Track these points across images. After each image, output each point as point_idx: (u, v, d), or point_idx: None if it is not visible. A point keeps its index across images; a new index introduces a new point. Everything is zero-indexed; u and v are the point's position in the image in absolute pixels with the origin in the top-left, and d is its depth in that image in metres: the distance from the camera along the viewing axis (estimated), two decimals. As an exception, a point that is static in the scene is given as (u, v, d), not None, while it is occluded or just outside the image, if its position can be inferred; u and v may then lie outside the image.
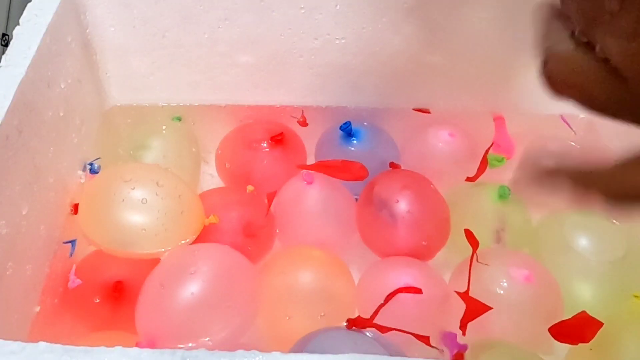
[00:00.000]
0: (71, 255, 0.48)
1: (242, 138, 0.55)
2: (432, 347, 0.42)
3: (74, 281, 0.45)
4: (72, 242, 0.48)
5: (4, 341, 0.29)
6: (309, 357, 0.28)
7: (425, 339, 0.42)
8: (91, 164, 0.53)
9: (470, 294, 0.44)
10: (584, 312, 0.42)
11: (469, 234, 0.48)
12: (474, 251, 0.46)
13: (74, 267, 0.46)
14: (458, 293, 0.44)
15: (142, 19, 0.53)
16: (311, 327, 0.42)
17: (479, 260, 0.46)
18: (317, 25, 0.53)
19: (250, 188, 0.52)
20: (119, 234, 0.44)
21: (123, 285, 0.45)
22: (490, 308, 0.43)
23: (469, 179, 0.52)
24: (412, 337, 0.42)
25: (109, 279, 0.45)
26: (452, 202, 0.51)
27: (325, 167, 0.52)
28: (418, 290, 0.43)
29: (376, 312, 0.43)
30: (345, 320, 0.43)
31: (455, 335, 0.43)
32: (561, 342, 0.42)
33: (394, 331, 0.42)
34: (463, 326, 0.43)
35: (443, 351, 0.43)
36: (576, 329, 0.41)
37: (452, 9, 0.52)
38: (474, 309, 0.43)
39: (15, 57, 0.41)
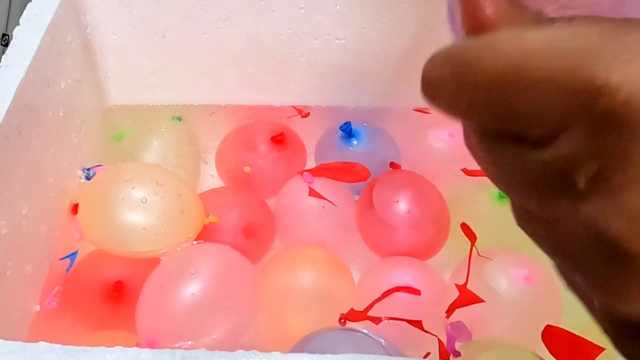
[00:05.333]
0: (67, 271, 0.47)
1: (242, 138, 0.55)
2: (426, 332, 0.42)
3: (50, 302, 0.45)
4: (72, 256, 0.48)
5: (4, 341, 0.29)
6: (309, 357, 0.28)
7: (418, 324, 0.42)
8: (88, 170, 0.52)
9: (470, 293, 0.44)
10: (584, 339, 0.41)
11: (465, 228, 0.48)
12: (473, 244, 0.46)
13: (57, 287, 0.45)
14: (456, 285, 0.45)
15: (142, 19, 0.53)
16: (311, 327, 0.42)
17: (480, 254, 0.46)
18: (317, 25, 0.53)
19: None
20: (119, 233, 0.44)
21: (123, 285, 0.45)
22: (483, 301, 0.43)
23: (466, 171, 0.52)
24: (411, 338, 0.42)
25: (109, 279, 0.45)
26: (452, 202, 0.51)
27: (326, 170, 0.52)
28: (416, 292, 0.43)
29: (370, 306, 0.43)
30: (339, 317, 0.43)
31: (463, 322, 0.43)
32: (554, 355, 0.41)
33: (392, 331, 0.42)
34: (450, 310, 0.43)
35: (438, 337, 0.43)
36: (573, 348, 0.40)
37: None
38: (466, 298, 0.43)
39: (15, 57, 0.41)
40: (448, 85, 0.16)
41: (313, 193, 0.49)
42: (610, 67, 0.13)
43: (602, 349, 0.40)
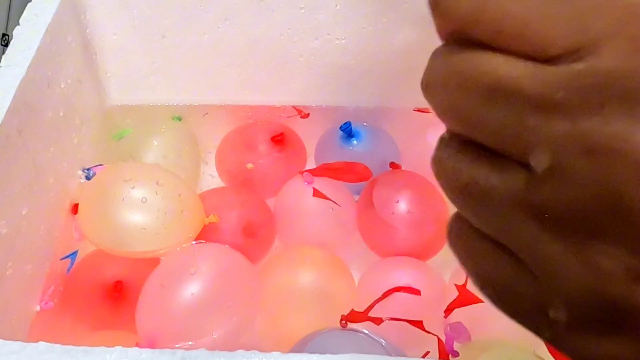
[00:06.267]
0: (68, 271, 0.47)
1: (242, 138, 0.55)
2: (427, 332, 0.42)
3: (47, 303, 0.44)
4: (72, 255, 0.48)
5: (4, 341, 0.29)
6: (309, 357, 0.28)
7: (419, 324, 0.42)
8: (88, 170, 0.52)
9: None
10: None
11: None
12: None
13: (52, 287, 0.45)
14: (456, 285, 0.45)
15: (142, 19, 0.53)
16: (311, 327, 0.42)
17: None
18: (317, 25, 0.53)
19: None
20: (119, 233, 0.44)
21: (123, 285, 0.45)
22: (482, 301, 0.43)
23: None
24: (411, 338, 0.42)
25: (109, 279, 0.45)
26: (452, 202, 0.51)
27: (328, 171, 0.52)
28: (417, 292, 0.43)
29: (371, 307, 0.43)
30: (340, 318, 0.43)
31: (462, 323, 0.43)
32: (554, 356, 0.41)
33: (392, 331, 0.42)
34: (448, 310, 0.43)
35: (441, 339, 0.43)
36: None
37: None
38: (465, 298, 0.43)
39: (15, 57, 0.41)
40: (441, 91, 0.16)
41: (317, 194, 0.49)
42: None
43: None
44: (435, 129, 0.56)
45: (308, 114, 0.59)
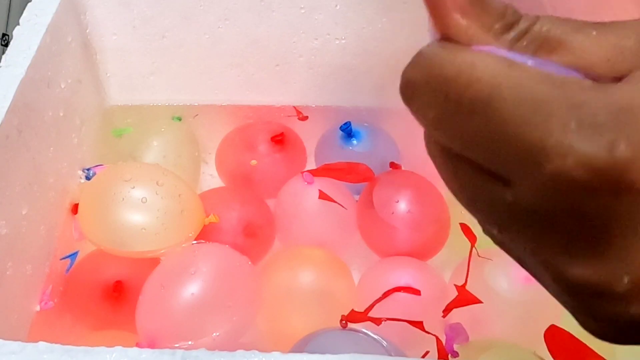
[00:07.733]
0: (67, 271, 0.47)
1: (242, 138, 0.55)
2: (427, 332, 0.42)
3: (47, 303, 0.44)
4: (72, 256, 0.48)
5: (4, 341, 0.29)
6: (309, 357, 0.29)
7: (419, 325, 0.42)
8: (88, 170, 0.52)
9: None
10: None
11: (465, 228, 0.48)
12: (473, 245, 0.46)
13: (50, 287, 0.45)
14: (455, 285, 0.45)
15: (142, 19, 0.53)
16: (311, 327, 0.42)
17: (480, 255, 0.46)
18: (317, 25, 0.53)
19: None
20: (119, 233, 0.44)
21: (123, 285, 0.45)
22: (480, 302, 0.43)
23: None
24: (411, 338, 0.42)
25: (109, 279, 0.45)
26: (452, 202, 0.51)
27: (330, 171, 0.52)
28: (416, 292, 0.43)
29: (371, 307, 0.43)
30: (340, 318, 0.43)
31: (461, 324, 0.43)
32: (553, 356, 0.41)
33: (392, 331, 0.42)
34: (447, 310, 0.43)
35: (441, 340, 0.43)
36: (573, 352, 0.40)
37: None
38: (464, 298, 0.43)
39: (15, 57, 0.41)
40: (422, 93, 0.16)
41: (323, 196, 0.49)
42: (564, 129, 0.13)
43: (603, 359, 0.40)
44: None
45: (307, 117, 0.59)
